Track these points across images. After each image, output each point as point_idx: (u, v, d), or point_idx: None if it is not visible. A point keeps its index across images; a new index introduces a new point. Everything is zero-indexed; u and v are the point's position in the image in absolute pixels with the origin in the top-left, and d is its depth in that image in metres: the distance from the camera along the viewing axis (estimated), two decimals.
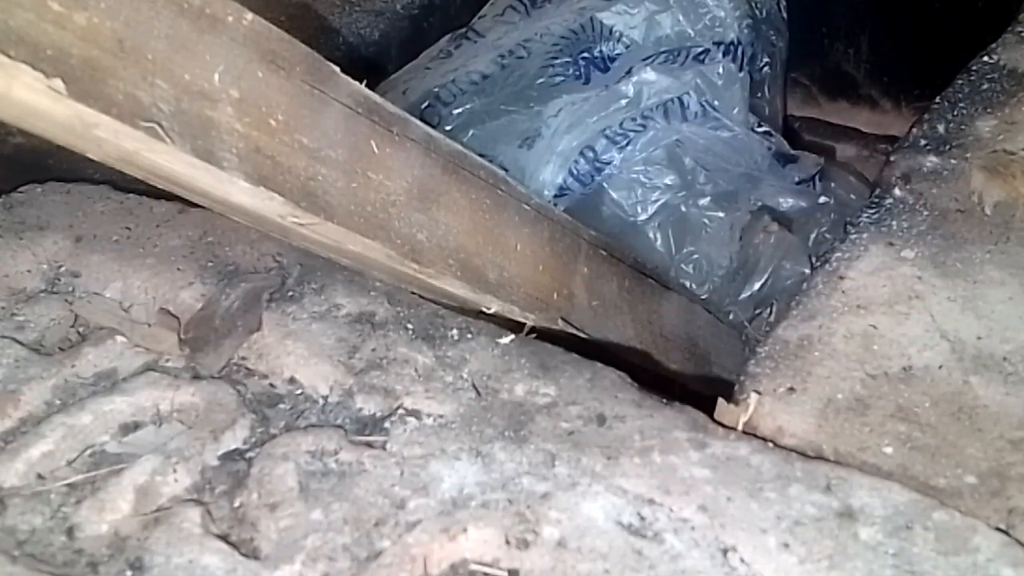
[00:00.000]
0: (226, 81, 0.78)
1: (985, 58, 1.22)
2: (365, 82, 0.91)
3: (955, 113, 1.13)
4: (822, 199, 1.59)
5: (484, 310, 1.02)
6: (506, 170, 1.24)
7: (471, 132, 1.51)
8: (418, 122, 0.96)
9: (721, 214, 1.54)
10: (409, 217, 0.93)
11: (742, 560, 0.69)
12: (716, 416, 0.83)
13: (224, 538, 0.72)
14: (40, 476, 0.76)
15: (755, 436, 0.81)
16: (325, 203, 0.86)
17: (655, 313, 1.43)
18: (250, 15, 0.82)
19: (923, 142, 1.10)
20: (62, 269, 0.95)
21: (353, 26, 1.53)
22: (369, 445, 0.78)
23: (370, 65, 1.56)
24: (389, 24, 1.57)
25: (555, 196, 1.50)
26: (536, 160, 1.49)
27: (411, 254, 0.93)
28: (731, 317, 1.55)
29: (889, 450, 0.78)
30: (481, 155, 1.09)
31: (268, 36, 0.83)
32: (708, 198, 1.54)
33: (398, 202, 0.92)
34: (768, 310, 1.54)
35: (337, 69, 0.88)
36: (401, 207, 0.93)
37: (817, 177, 1.64)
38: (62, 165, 1.10)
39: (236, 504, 0.74)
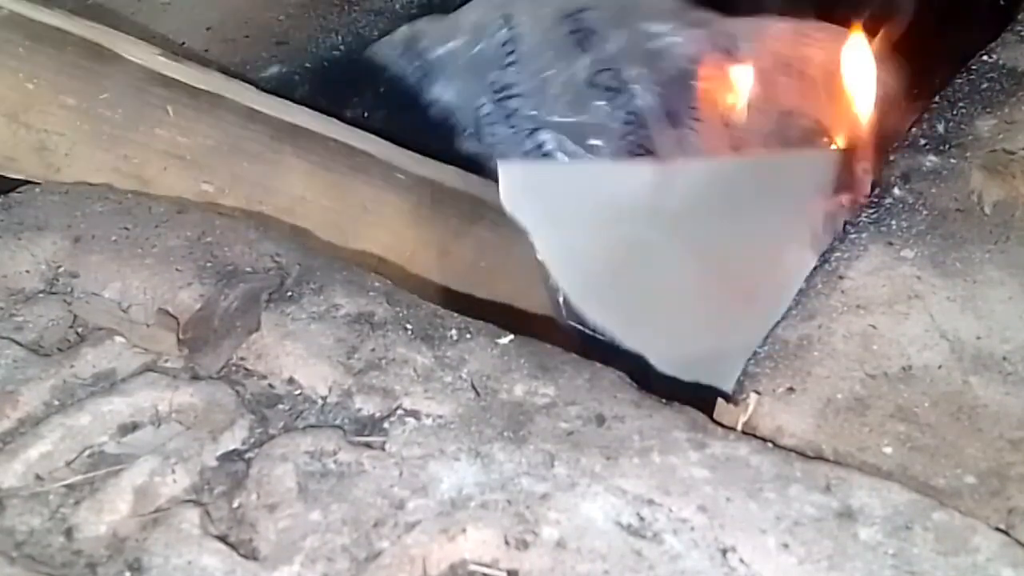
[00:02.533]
0: None
1: (984, 57, 1.22)
2: None
3: (954, 112, 1.13)
4: None
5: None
6: None
7: None
8: (238, 100, 1.13)
9: None
10: (198, 168, 1.10)
11: (741, 560, 0.69)
12: (715, 416, 0.83)
13: (223, 539, 0.71)
14: (38, 477, 0.76)
15: (755, 436, 0.80)
16: (59, 149, 1.05)
17: None
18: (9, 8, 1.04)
19: (922, 141, 1.10)
20: (60, 269, 0.95)
21: (352, 26, 1.54)
22: (368, 446, 0.78)
23: (368, 64, 1.56)
24: (388, 24, 1.57)
25: None
26: None
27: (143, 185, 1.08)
28: None
29: (889, 450, 0.78)
30: None
31: (31, 24, 1.05)
32: None
33: (185, 156, 1.09)
34: None
35: (130, 52, 1.07)
36: (190, 160, 1.09)
37: None
38: None
39: (235, 505, 0.74)
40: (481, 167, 1.42)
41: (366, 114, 1.55)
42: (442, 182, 1.29)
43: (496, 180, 1.33)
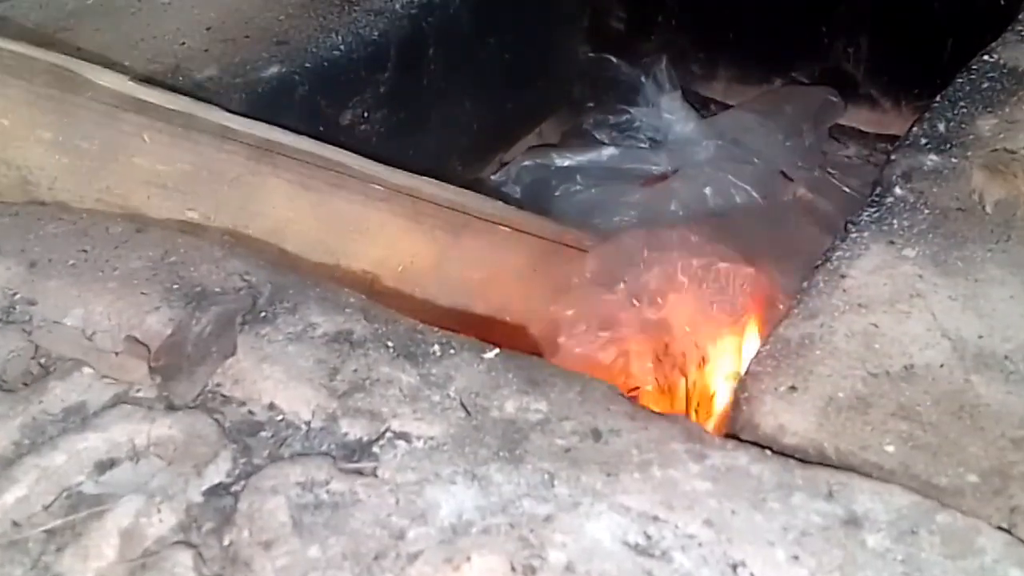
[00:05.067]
0: None
1: (985, 57, 1.27)
2: None
3: (955, 112, 1.19)
4: None
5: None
6: None
7: None
8: (210, 119, 1.20)
9: None
10: (181, 195, 1.18)
11: (752, 575, 0.73)
12: None
13: None
14: (15, 523, 0.78)
15: (753, 444, 0.84)
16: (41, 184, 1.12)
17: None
18: None
19: (924, 141, 1.15)
20: (16, 297, 0.96)
21: (352, 26, 1.58)
22: (360, 472, 0.80)
23: (368, 65, 1.60)
24: (388, 24, 1.62)
25: None
26: None
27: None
28: None
29: (891, 449, 0.83)
30: None
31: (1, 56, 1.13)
32: None
33: (167, 183, 1.17)
34: None
35: (99, 78, 1.14)
36: (172, 187, 1.17)
37: None
38: None
39: (226, 543, 0.76)
40: None
41: (366, 114, 1.59)
42: (419, 192, 1.34)
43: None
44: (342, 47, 1.56)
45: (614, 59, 2.10)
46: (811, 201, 1.88)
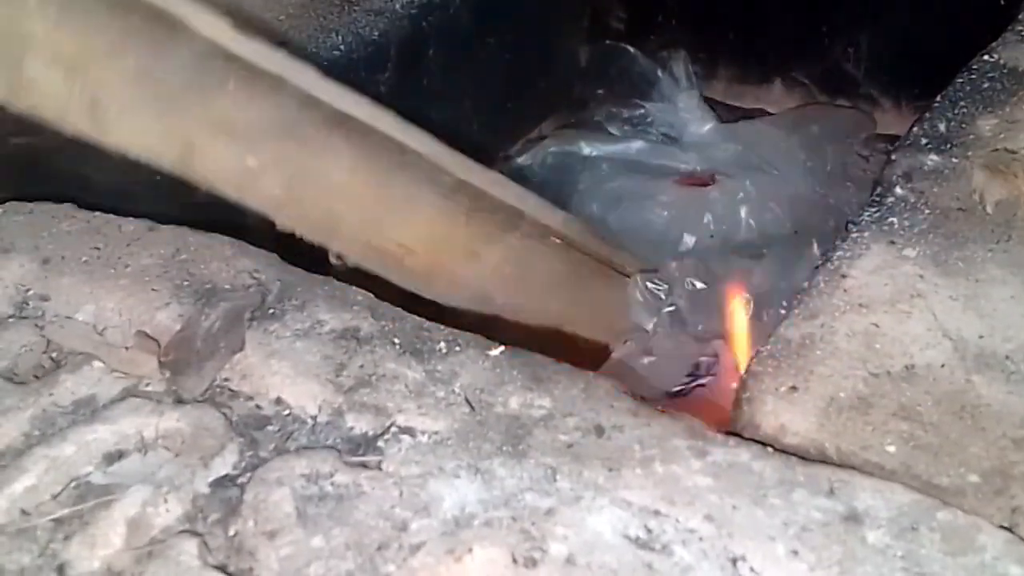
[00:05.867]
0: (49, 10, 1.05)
1: (986, 57, 1.27)
2: None
3: (956, 112, 1.19)
4: None
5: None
6: None
7: None
8: (298, 84, 1.20)
9: None
10: (247, 143, 1.17)
11: (752, 569, 0.73)
12: None
13: (222, 569, 0.74)
14: (24, 512, 0.79)
15: (755, 441, 0.85)
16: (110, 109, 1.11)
17: (607, 303, 1.65)
18: None
19: (924, 141, 1.15)
20: (30, 293, 0.97)
21: (352, 26, 1.59)
22: (364, 466, 0.81)
23: (368, 65, 1.61)
24: (388, 24, 1.64)
25: None
26: None
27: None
28: None
29: (892, 449, 0.83)
30: None
31: None
32: None
33: (236, 130, 1.16)
34: None
35: (190, 22, 1.11)
36: (240, 135, 1.16)
37: None
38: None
39: (231, 533, 0.77)
40: None
41: None
42: (484, 188, 1.36)
43: None
44: (342, 47, 1.58)
45: (631, 49, 2.10)
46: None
